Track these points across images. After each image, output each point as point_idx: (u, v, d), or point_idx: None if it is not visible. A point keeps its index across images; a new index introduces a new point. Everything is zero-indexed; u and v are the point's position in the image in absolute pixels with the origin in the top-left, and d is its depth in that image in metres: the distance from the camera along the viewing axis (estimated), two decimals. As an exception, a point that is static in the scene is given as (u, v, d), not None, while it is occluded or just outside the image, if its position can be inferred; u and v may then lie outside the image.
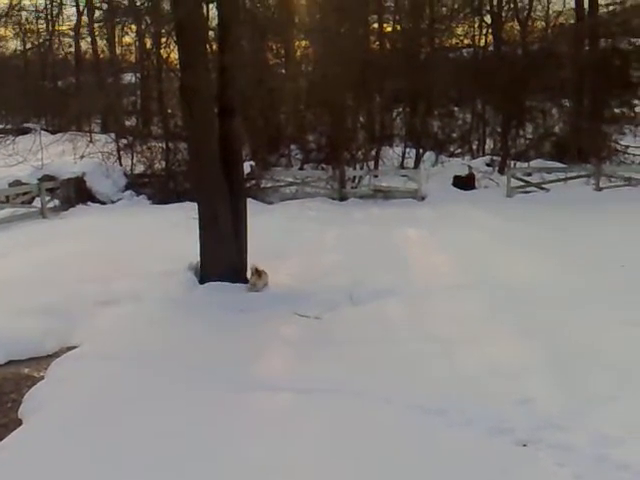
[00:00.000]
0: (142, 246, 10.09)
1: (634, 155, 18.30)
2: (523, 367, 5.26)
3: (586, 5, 19.16)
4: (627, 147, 18.44)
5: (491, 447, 4.15)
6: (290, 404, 4.83)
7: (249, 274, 8.04)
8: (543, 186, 16.49)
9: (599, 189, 15.93)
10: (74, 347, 6.34)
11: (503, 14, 20.25)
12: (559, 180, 16.52)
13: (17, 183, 15.59)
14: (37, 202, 15.36)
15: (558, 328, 6.10)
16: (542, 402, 4.62)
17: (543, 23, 21.11)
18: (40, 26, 23.17)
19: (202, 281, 8.06)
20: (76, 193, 16.46)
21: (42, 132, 17.11)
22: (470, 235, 10.92)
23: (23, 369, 6.05)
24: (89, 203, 16.51)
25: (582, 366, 5.20)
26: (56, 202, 15.99)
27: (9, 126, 21.57)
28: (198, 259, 8.23)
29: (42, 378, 5.71)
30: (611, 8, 19.41)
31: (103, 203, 16.63)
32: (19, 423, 4.87)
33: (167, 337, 6.39)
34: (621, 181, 16.17)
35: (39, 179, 15.71)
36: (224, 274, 7.95)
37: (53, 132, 20.60)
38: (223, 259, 8.06)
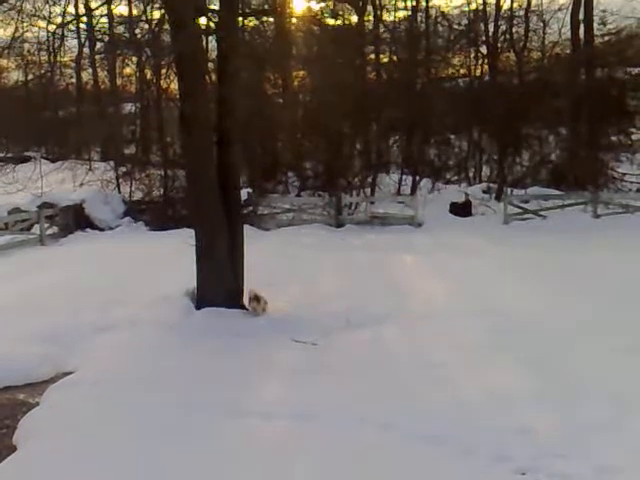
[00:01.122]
0: (139, 272, 10.10)
1: (631, 182, 18.42)
2: (523, 396, 5.21)
3: (582, 35, 19.47)
4: (624, 175, 18.56)
5: (490, 476, 4.12)
6: (286, 431, 4.78)
7: (245, 300, 8.03)
8: (540, 213, 16.52)
9: (597, 216, 15.97)
10: (70, 373, 6.31)
11: (499, 45, 20.48)
12: (556, 207, 16.50)
13: (16, 210, 15.67)
14: (36, 229, 15.41)
15: (558, 356, 6.08)
16: (542, 431, 4.58)
17: (539, 53, 21.32)
18: (42, 57, 23.45)
19: (198, 307, 8.05)
20: (75, 220, 16.55)
21: (42, 160, 17.27)
22: (467, 262, 10.93)
23: (18, 395, 6.01)
24: (87, 230, 16.58)
25: (583, 395, 5.16)
26: (55, 229, 16.06)
27: (9, 155, 21.68)
28: (194, 285, 8.23)
29: (37, 404, 5.67)
30: (607, 38, 19.68)
31: (101, 229, 16.70)
32: (13, 449, 4.82)
33: (163, 363, 6.36)
34: (619, 208, 16.23)
35: (38, 206, 15.81)
36: (220, 300, 7.95)
37: (53, 160, 20.71)
38: (220, 285, 8.06)
